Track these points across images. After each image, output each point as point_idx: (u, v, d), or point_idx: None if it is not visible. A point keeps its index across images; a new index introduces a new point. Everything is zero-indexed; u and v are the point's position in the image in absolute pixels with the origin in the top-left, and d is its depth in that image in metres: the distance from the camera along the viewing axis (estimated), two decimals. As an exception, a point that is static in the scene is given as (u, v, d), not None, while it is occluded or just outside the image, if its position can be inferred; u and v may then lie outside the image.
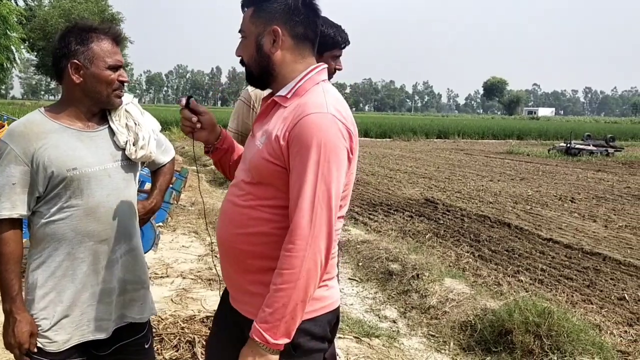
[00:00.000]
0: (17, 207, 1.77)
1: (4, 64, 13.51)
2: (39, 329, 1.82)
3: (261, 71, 1.64)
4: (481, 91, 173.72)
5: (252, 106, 2.52)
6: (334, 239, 1.53)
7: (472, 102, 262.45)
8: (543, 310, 3.75)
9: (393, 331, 4.17)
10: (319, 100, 1.55)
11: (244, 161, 1.69)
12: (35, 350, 1.81)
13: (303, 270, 1.45)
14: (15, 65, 15.57)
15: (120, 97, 1.90)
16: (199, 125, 1.77)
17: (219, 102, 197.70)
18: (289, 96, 1.60)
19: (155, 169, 2.20)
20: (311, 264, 1.46)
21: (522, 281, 5.27)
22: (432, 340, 4.02)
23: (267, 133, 1.57)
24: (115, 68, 1.85)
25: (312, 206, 1.46)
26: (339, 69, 2.64)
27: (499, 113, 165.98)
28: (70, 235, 1.82)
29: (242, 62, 1.70)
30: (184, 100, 1.76)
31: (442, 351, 3.87)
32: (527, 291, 4.91)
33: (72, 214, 1.82)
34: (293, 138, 1.49)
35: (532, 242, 6.84)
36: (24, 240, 1.87)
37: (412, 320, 4.38)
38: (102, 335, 1.91)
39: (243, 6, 1.67)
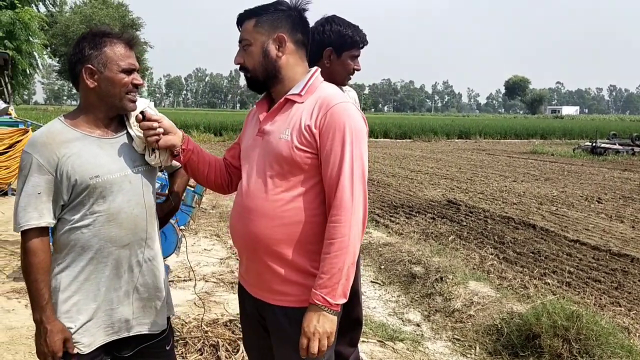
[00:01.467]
0: (44, 216, 1.79)
1: (27, 69, 13.78)
2: None
3: (267, 75, 1.83)
4: (503, 90, 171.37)
5: None
6: (367, 208, 1.77)
7: (494, 101, 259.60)
8: (571, 314, 3.66)
9: (417, 335, 4.12)
10: (338, 92, 1.82)
11: (258, 160, 1.82)
12: (75, 352, 1.83)
13: (351, 237, 1.68)
14: (37, 71, 15.87)
15: (133, 101, 1.91)
16: (161, 130, 1.88)
17: (238, 105, 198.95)
18: (302, 93, 1.80)
19: (171, 172, 2.22)
20: (356, 231, 1.70)
21: (549, 284, 5.17)
22: (458, 345, 3.95)
23: (292, 126, 1.76)
24: (128, 71, 1.86)
25: (352, 182, 1.70)
26: (358, 69, 2.63)
27: (521, 112, 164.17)
28: (93, 241, 1.84)
29: (241, 69, 1.88)
30: (140, 116, 1.87)
31: (468, 355, 3.80)
32: (554, 294, 4.81)
33: (95, 220, 1.84)
34: (325, 125, 1.72)
35: (558, 243, 6.71)
36: None
37: (437, 323, 4.32)
38: (124, 334, 1.94)
39: (242, 19, 1.85)
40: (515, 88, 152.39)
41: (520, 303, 4.35)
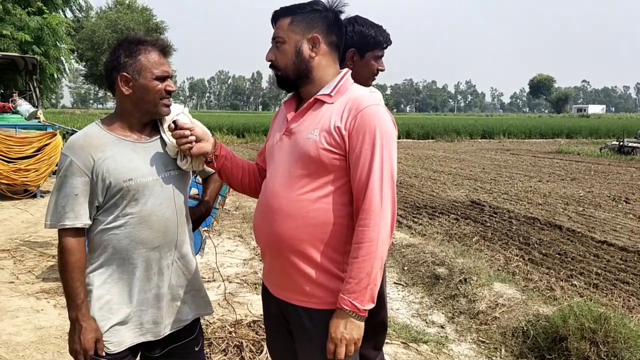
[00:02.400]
0: (80, 217, 1.84)
1: (55, 74, 14.05)
2: None
3: (298, 74, 1.82)
4: (527, 89, 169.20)
5: None
6: (395, 211, 1.76)
7: (518, 100, 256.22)
8: (599, 316, 3.60)
9: (441, 337, 4.09)
10: (368, 95, 1.80)
11: (284, 159, 1.82)
12: (103, 353, 1.86)
13: (379, 241, 1.67)
14: (65, 75, 16.17)
15: (168, 106, 1.94)
16: (193, 138, 1.89)
17: (260, 107, 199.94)
18: (332, 94, 1.79)
19: (205, 177, 2.26)
20: (384, 235, 1.68)
21: (575, 286, 5.08)
22: (483, 347, 3.92)
23: (320, 127, 1.75)
24: (162, 78, 1.90)
25: (381, 186, 1.68)
26: (382, 70, 2.60)
27: (546, 111, 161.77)
28: (125, 242, 1.88)
29: (272, 66, 1.86)
30: (172, 125, 1.90)
31: (494, 358, 3.76)
32: (581, 296, 4.73)
33: (127, 221, 1.88)
34: (356, 127, 1.70)
35: (585, 244, 6.59)
36: None
37: (461, 325, 4.28)
38: (153, 338, 1.97)
39: (277, 17, 1.84)
40: (540, 87, 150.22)
41: (547, 305, 4.29)
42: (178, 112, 2.03)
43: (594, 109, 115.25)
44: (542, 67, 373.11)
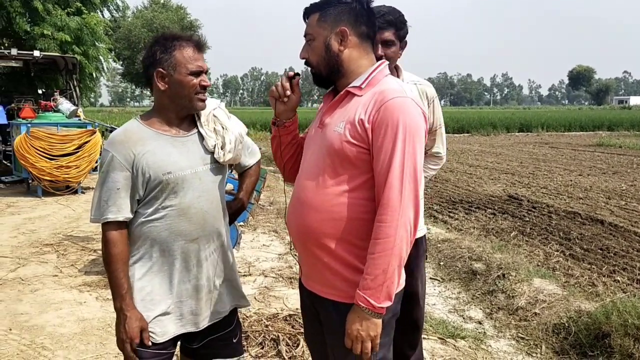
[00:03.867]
0: (122, 210, 1.89)
1: (93, 73, 14.34)
2: None
3: (330, 70, 1.81)
4: (566, 81, 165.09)
5: None
6: (420, 209, 1.69)
7: (556, 92, 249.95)
8: (644, 313, 3.48)
9: (479, 332, 4.03)
10: (397, 87, 1.74)
11: (315, 151, 1.82)
12: (149, 343, 1.90)
13: (397, 238, 1.61)
14: (103, 74, 16.50)
15: (203, 100, 1.97)
16: (285, 99, 1.94)
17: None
18: (363, 86, 1.76)
19: (241, 171, 2.28)
20: (403, 232, 1.62)
21: (618, 281, 4.93)
22: (522, 343, 3.84)
23: (346, 119, 1.73)
24: (197, 74, 1.92)
25: (401, 181, 1.63)
26: (383, 56, 2.38)
27: (586, 103, 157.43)
28: (165, 234, 1.92)
29: (307, 63, 1.87)
30: (291, 73, 1.91)
31: (534, 355, 3.68)
32: (624, 292, 4.59)
33: (167, 214, 1.92)
34: (378, 120, 1.66)
35: (628, 239, 6.38)
36: None
37: (500, 321, 4.20)
38: (193, 329, 2.01)
39: (307, 14, 1.84)
40: (579, 78, 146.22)
41: (589, 301, 4.17)
42: (215, 107, 2.05)
43: (636, 100, 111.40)
44: (582, 58, 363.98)
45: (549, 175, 12.39)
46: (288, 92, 1.92)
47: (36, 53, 11.00)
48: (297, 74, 1.92)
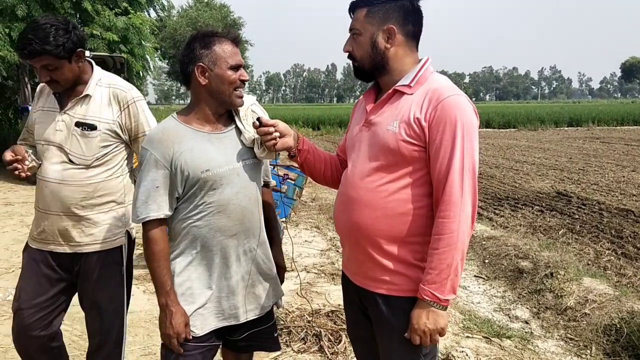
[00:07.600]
0: (162, 208, 1.91)
1: (140, 72, 14.64)
2: None
3: (374, 66, 1.81)
4: (619, 73, 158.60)
5: None
6: (476, 204, 1.73)
7: (608, 85, 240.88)
8: None
9: (526, 332, 3.92)
10: (450, 84, 1.76)
11: (364, 150, 1.82)
12: (190, 337, 1.93)
13: (460, 233, 1.66)
14: (149, 72, 16.84)
15: (241, 97, 1.98)
16: (277, 134, 1.93)
17: (335, 99, 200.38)
18: (412, 84, 1.76)
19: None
20: (464, 227, 1.67)
21: (675, 282, 4.71)
22: (571, 344, 3.72)
23: (400, 118, 1.74)
24: (236, 68, 1.94)
25: (462, 177, 1.66)
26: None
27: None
28: (204, 230, 1.94)
29: (349, 57, 1.87)
30: (257, 123, 1.93)
31: (583, 356, 3.56)
32: (682, 293, 4.38)
33: (206, 210, 1.93)
34: (436, 118, 1.67)
35: (686, 238, 6.10)
36: None
37: (547, 321, 4.08)
38: (234, 322, 2.03)
39: (354, 7, 1.83)
40: (633, 70, 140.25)
41: (643, 302, 4.01)
42: (252, 102, 2.06)
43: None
44: (635, 49, 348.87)
45: (600, 171, 11.96)
46: (272, 129, 1.92)
47: (87, 53, 11.33)
48: (258, 119, 1.93)
